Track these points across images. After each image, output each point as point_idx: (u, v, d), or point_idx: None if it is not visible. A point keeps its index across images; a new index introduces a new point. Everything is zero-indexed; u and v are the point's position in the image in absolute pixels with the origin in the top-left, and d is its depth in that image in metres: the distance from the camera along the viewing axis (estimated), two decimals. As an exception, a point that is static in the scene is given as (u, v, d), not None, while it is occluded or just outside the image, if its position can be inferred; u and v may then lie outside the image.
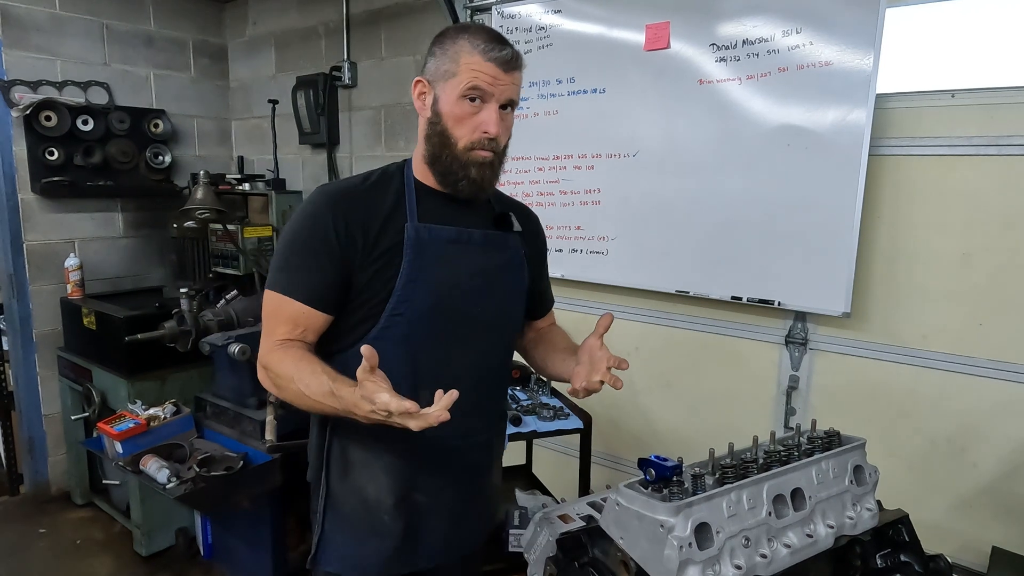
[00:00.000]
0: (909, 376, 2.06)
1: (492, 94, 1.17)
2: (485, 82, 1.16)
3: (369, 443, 1.26)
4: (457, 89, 1.17)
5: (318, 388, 1.09)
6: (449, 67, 1.18)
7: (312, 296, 1.18)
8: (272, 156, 3.51)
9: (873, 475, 1.21)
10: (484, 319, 1.28)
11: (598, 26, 2.46)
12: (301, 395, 1.12)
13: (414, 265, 1.19)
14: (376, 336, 1.19)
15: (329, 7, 3.38)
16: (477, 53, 1.16)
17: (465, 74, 1.16)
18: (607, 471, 2.69)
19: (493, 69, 1.16)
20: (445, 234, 1.24)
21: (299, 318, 1.19)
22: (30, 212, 3.24)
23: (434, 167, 1.24)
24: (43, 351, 3.34)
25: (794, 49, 2.05)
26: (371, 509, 1.28)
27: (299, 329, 1.19)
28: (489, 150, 1.21)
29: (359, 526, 1.29)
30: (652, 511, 0.97)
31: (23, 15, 3.14)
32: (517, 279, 1.36)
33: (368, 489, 1.27)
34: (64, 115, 3.22)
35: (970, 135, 1.91)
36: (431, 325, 1.21)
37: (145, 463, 2.34)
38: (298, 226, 1.21)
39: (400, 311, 1.19)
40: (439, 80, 1.19)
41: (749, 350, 2.35)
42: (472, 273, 1.26)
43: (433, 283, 1.21)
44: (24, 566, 2.90)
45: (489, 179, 1.24)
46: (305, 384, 1.11)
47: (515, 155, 2.74)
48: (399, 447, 1.25)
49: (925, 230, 2.00)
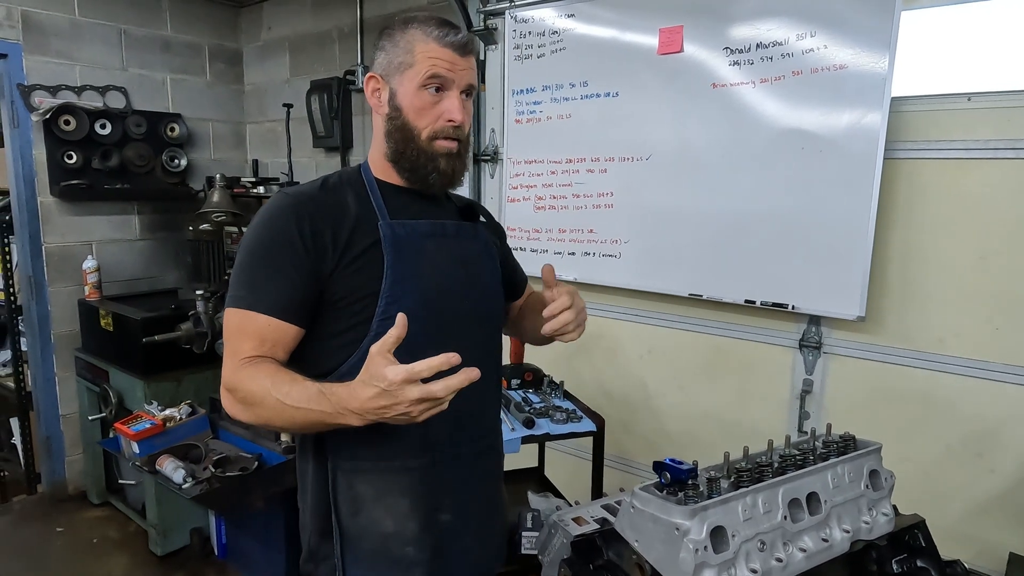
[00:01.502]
0: (925, 380, 2.05)
1: (453, 80, 1.13)
2: (444, 68, 1.12)
3: (380, 469, 1.15)
4: (416, 79, 1.12)
5: (301, 393, 0.98)
6: (404, 58, 1.13)
7: (278, 306, 1.07)
8: (286, 159, 3.54)
9: (889, 480, 1.21)
10: (472, 312, 1.22)
11: (611, 30, 2.46)
12: (279, 407, 1.00)
13: (396, 264, 1.12)
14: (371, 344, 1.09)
15: (343, 11, 3.41)
16: (432, 40, 1.12)
17: (423, 63, 1.11)
18: (620, 474, 2.68)
19: (450, 55, 1.12)
20: (420, 228, 1.18)
21: (266, 332, 1.07)
22: (49, 215, 3.28)
23: (399, 164, 1.18)
24: (61, 352, 3.39)
25: (808, 52, 2.05)
26: (393, 542, 1.16)
27: (267, 345, 1.07)
28: (454, 139, 1.16)
29: (383, 563, 1.16)
30: (667, 514, 0.98)
31: (44, 21, 3.19)
32: (494, 268, 1.31)
33: (386, 522, 1.15)
34: (83, 119, 3.27)
35: (986, 138, 1.89)
36: (424, 325, 1.10)
37: (161, 463, 2.37)
38: (258, 234, 1.11)
39: (391, 314, 1.08)
40: (394, 74, 1.14)
41: (763, 354, 2.34)
42: (453, 266, 1.21)
43: (418, 280, 1.14)
44: (41, 564, 2.94)
45: (459, 170, 1.19)
46: (284, 392, 0.99)
47: (528, 158, 2.75)
48: (413, 465, 1.16)
49: (940, 233, 1.99)
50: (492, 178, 2.98)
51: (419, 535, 1.16)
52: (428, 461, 1.17)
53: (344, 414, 0.95)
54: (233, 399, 1.07)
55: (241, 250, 1.12)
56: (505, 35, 2.75)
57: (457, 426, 1.19)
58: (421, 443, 1.15)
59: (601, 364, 2.75)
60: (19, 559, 2.96)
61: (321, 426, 1.00)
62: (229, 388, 1.07)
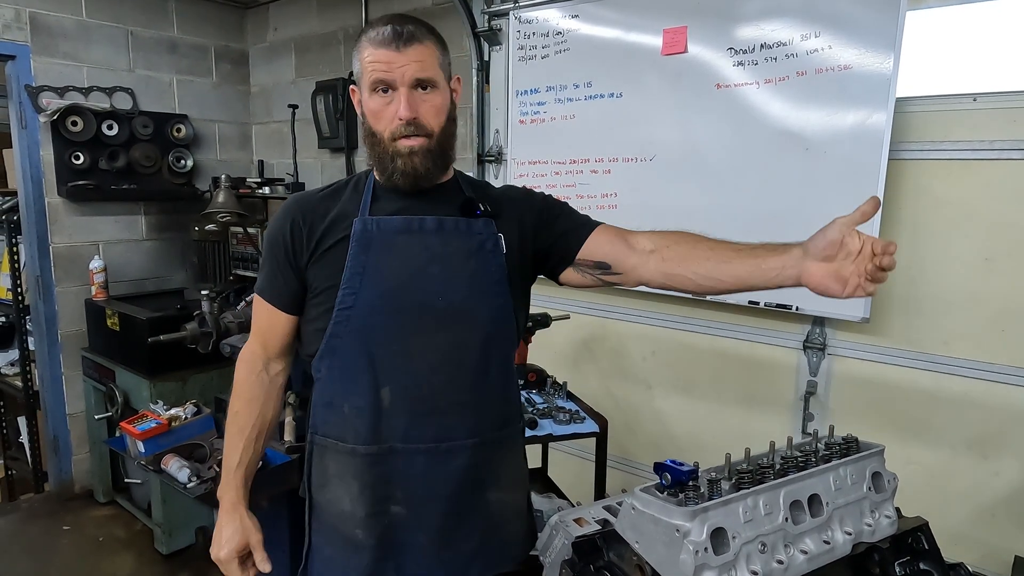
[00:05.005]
0: (929, 382, 2.04)
1: (393, 79, 1.14)
2: (381, 71, 1.14)
3: (338, 449, 1.24)
4: (367, 87, 1.17)
5: (228, 451, 1.33)
6: (357, 67, 1.19)
7: (274, 295, 1.27)
8: (292, 160, 3.56)
9: (892, 482, 1.20)
10: (448, 307, 1.20)
11: (615, 31, 2.46)
12: (227, 429, 1.33)
13: (358, 258, 1.18)
14: (332, 333, 1.19)
15: (348, 13, 3.42)
16: (368, 44, 1.15)
17: (367, 70, 1.16)
18: (623, 475, 2.68)
19: (385, 54, 1.13)
20: (394, 224, 1.22)
21: (268, 316, 1.28)
22: (56, 215, 3.31)
23: (376, 166, 1.24)
24: (68, 351, 3.41)
25: (813, 53, 2.04)
26: (346, 521, 1.24)
27: (267, 327, 1.30)
28: (416, 136, 1.16)
29: (339, 539, 1.26)
30: (668, 515, 0.98)
31: (52, 23, 3.21)
32: (488, 264, 1.24)
33: (344, 501, 1.24)
34: (90, 120, 3.29)
35: (992, 139, 1.88)
36: (384, 316, 1.18)
37: (166, 462, 2.38)
38: (267, 232, 1.32)
39: (348, 303, 1.18)
40: (359, 83, 1.20)
41: (767, 355, 2.34)
42: (427, 261, 1.20)
43: (381, 273, 1.18)
44: (48, 562, 2.96)
45: (422, 165, 1.18)
46: (228, 435, 1.32)
47: (532, 159, 2.76)
48: (362, 452, 1.21)
49: (946, 235, 1.98)
50: (496, 178, 2.98)
51: (366, 520, 1.23)
52: (378, 451, 1.21)
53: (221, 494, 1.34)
54: (235, 376, 1.33)
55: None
56: (509, 36, 2.76)
57: (415, 422, 1.21)
58: (372, 432, 1.21)
59: (605, 365, 2.75)
60: (26, 557, 2.98)
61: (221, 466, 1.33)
62: (240, 361, 1.34)
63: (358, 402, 1.21)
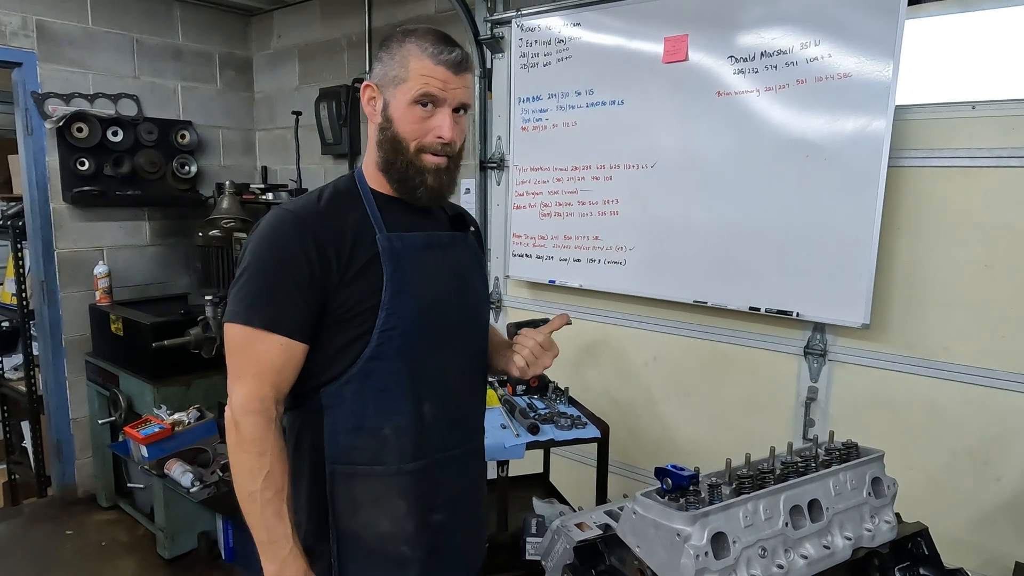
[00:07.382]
0: (930, 388, 2.04)
1: (444, 99, 1.15)
2: (436, 87, 1.13)
3: (376, 474, 1.19)
4: (408, 95, 1.14)
5: (273, 525, 1.10)
6: (398, 72, 1.14)
7: (292, 327, 1.11)
8: (295, 166, 3.58)
9: (892, 487, 1.21)
10: (466, 320, 1.28)
11: (617, 38, 2.48)
12: (249, 495, 1.10)
13: (395, 276, 1.15)
14: (371, 355, 1.14)
15: (352, 20, 3.45)
16: (426, 57, 1.13)
17: (415, 80, 1.13)
18: (624, 480, 2.68)
19: (443, 73, 1.13)
20: (417, 240, 1.22)
21: (284, 352, 1.11)
22: (61, 221, 3.33)
23: (389, 174, 1.20)
24: (72, 356, 3.42)
25: (813, 61, 2.06)
26: (389, 542, 1.20)
27: (280, 365, 1.12)
28: (443, 155, 1.18)
29: (380, 561, 1.21)
30: (669, 520, 0.99)
31: (58, 30, 3.24)
32: (483, 276, 1.39)
33: (383, 523, 1.20)
34: (95, 127, 3.31)
35: (991, 146, 1.89)
36: (423, 334, 1.18)
37: (170, 467, 2.39)
38: (265, 252, 1.13)
39: (391, 324, 1.14)
40: (388, 85, 1.16)
41: (767, 361, 2.34)
42: (448, 276, 1.25)
43: (416, 291, 1.18)
44: (51, 566, 2.96)
45: (447, 184, 1.21)
46: (264, 501, 1.09)
47: (534, 165, 2.77)
48: (409, 469, 1.20)
49: (946, 241, 1.99)
50: (498, 185, 2.99)
51: (414, 535, 1.21)
52: (423, 464, 1.21)
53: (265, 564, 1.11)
54: (236, 434, 1.12)
55: (246, 268, 1.13)
56: (512, 44, 2.78)
57: (450, 430, 1.25)
58: (416, 449, 1.20)
59: (606, 371, 2.76)
60: (29, 561, 2.99)
61: (256, 530, 1.12)
62: (236, 421, 1.12)
63: (400, 422, 1.18)
